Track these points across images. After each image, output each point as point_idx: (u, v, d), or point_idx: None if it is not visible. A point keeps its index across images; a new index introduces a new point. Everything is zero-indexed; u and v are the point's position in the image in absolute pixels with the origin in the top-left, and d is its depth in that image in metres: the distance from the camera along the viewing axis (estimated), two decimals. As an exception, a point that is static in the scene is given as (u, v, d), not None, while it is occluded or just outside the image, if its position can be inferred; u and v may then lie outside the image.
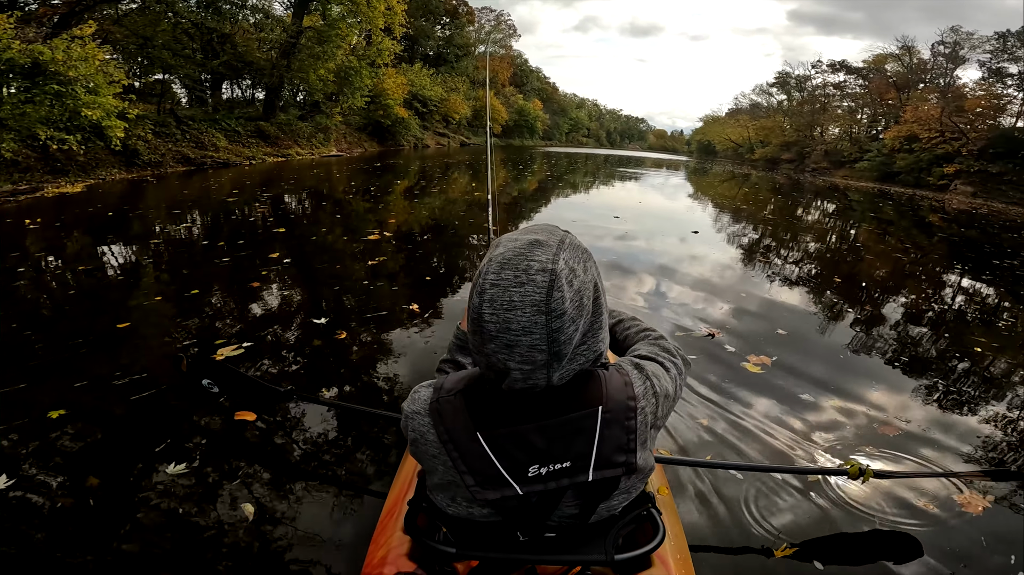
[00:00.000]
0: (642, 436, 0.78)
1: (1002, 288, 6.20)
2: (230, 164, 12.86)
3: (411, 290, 4.13)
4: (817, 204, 16.13)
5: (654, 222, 8.56)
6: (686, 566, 1.05)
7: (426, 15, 37.49)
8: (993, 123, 24.80)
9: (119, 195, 8.18)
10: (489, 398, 0.76)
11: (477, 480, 0.76)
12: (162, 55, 12.99)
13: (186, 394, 2.32)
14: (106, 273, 4.23)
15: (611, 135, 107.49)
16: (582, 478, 0.76)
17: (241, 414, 2.17)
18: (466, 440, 0.76)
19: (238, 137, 14.23)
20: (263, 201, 8.04)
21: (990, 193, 21.33)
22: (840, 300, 4.89)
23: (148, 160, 10.76)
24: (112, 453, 1.98)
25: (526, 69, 60.31)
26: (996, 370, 3.50)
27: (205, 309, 3.52)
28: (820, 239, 8.85)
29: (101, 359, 2.68)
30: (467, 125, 39.00)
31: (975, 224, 13.35)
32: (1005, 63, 26.20)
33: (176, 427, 2.14)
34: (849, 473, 1.69)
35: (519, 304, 0.66)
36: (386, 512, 1.17)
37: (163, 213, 6.78)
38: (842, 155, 32.22)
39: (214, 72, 16.83)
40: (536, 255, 0.68)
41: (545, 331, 0.67)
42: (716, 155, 53.39)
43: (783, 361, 3.14)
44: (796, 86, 40.84)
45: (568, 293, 0.68)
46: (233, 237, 5.45)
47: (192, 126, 12.80)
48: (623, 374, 0.79)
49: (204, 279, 4.07)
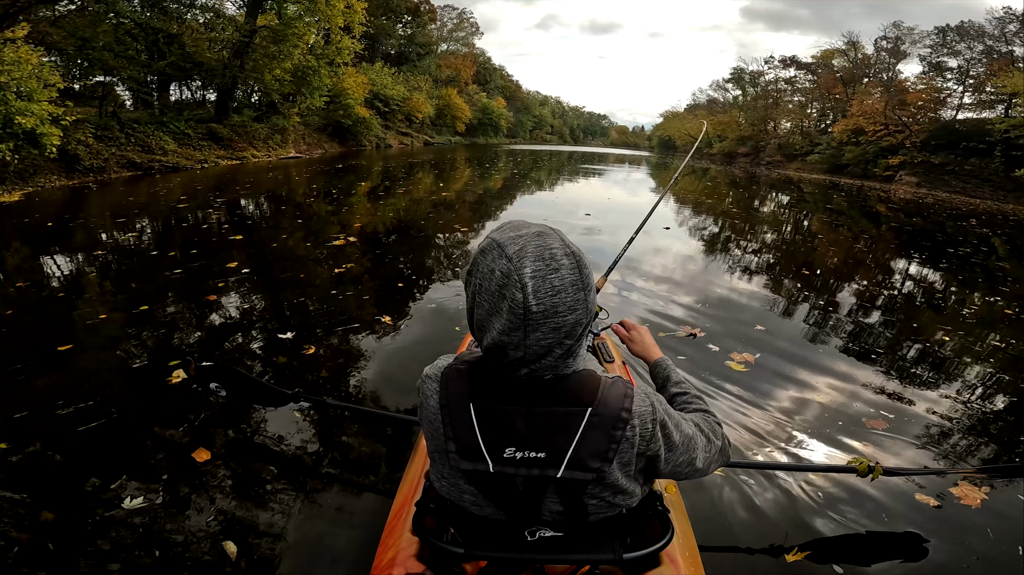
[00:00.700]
0: (624, 454, 0.78)
1: (976, 279, 6.51)
2: (180, 168, 12.26)
3: (382, 297, 4.00)
4: (773, 197, 16.69)
5: (624, 218, 8.66)
6: (695, 564, 1.04)
7: (387, 13, 36.80)
8: (934, 116, 26.18)
9: (60, 203, 7.66)
10: (492, 374, 0.79)
11: (458, 448, 0.79)
12: (103, 56, 12.25)
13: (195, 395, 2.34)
14: (47, 289, 3.92)
15: (574, 132, 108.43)
16: (552, 472, 0.77)
17: (199, 453, 2.01)
18: (459, 408, 0.79)
19: (188, 140, 13.60)
20: (217, 207, 7.64)
21: (933, 183, 22.55)
22: (817, 292, 5.04)
23: (90, 166, 10.14)
24: (65, 488, 1.82)
25: (489, 67, 60.07)
26: (996, 365, 3.48)
27: (156, 326, 3.26)
28: (789, 233, 9.13)
29: (42, 386, 2.47)
30: (431, 124, 38.57)
31: (930, 214, 14.05)
32: (944, 57, 27.68)
33: (134, 457, 1.98)
34: (858, 471, 1.67)
35: (560, 287, 0.71)
36: (394, 513, 1.17)
37: (107, 222, 6.36)
38: (794, 148, 33.44)
39: (160, 73, 16.03)
40: (550, 243, 0.74)
41: (585, 304, 0.74)
42: (676, 150, 54.56)
43: (766, 362, 3.16)
44: (750, 81, 42.10)
45: (587, 268, 0.75)
46: (186, 246, 5.14)
47: (137, 129, 12.16)
48: (625, 386, 0.80)
49: (154, 293, 3.82)
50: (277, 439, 2.18)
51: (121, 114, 12.98)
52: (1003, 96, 23.84)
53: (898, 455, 2.29)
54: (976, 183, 21.27)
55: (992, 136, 20.88)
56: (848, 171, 27.45)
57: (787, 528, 1.78)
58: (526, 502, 0.81)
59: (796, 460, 2.19)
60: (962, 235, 10.06)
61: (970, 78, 26.90)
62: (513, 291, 0.71)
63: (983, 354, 3.68)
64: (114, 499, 1.76)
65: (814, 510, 1.88)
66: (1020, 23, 23.72)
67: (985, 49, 25.67)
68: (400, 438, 2.19)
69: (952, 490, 2.00)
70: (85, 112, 11.63)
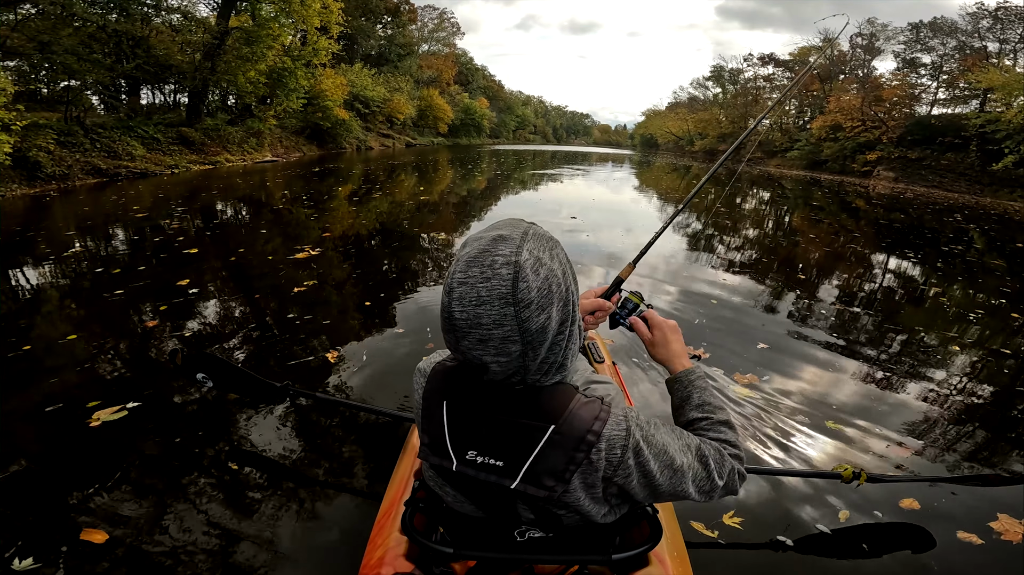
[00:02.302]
0: (588, 476, 0.75)
1: (976, 279, 6.45)
2: (148, 174, 11.83)
3: (348, 324, 3.58)
4: (754, 193, 16.73)
5: (608, 217, 8.47)
6: (683, 564, 1.04)
7: (366, 14, 36.30)
8: (909, 111, 26.57)
9: (9, 214, 7.12)
10: (469, 376, 0.78)
11: (429, 441, 0.81)
12: (66, 60, 11.76)
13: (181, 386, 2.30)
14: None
15: (557, 131, 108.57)
16: (507, 482, 0.76)
17: (89, 532, 1.63)
18: (435, 404, 0.81)
19: (158, 145, 13.14)
20: (177, 216, 7.16)
21: (911, 178, 22.86)
22: (804, 285, 4.91)
23: (53, 173, 9.70)
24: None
25: (471, 67, 59.75)
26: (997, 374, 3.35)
27: (81, 359, 2.84)
28: (793, 236, 9.04)
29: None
30: (412, 125, 38.15)
31: (912, 209, 14.15)
32: (918, 53, 28.13)
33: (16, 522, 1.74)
34: (843, 477, 1.68)
35: (487, 299, 0.68)
36: (383, 512, 1.15)
37: (55, 234, 5.85)
38: (774, 145, 33.76)
39: (128, 76, 15.51)
40: (500, 250, 0.69)
41: (515, 321, 0.68)
42: (658, 148, 54.90)
43: (770, 382, 3.01)
44: (730, 79, 42.49)
45: (534, 282, 0.68)
46: (133, 263, 4.72)
47: (103, 134, 11.68)
48: (601, 408, 0.75)
49: (87, 319, 3.44)
50: (262, 438, 2.13)
51: (88, 119, 12.49)
52: (977, 91, 24.27)
53: (884, 460, 2.26)
54: (952, 177, 21.61)
55: (967, 131, 21.23)
56: (827, 167, 27.75)
57: (774, 527, 1.80)
58: (499, 505, 0.81)
59: (782, 464, 2.20)
60: (953, 231, 10.16)
61: (944, 74, 27.39)
62: (444, 294, 0.71)
63: (990, 364, 3.54)
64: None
65: (800, 509, 1.90)
66: (992, 19, 24.16)
67: (958, 45, 26.16)
68: (389, 437, 2.16)
69: (934, 500, 1.98)
70: (49, 118, 11.16)
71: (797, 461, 2.20)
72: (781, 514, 1.86)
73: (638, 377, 2.86)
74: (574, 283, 0.76)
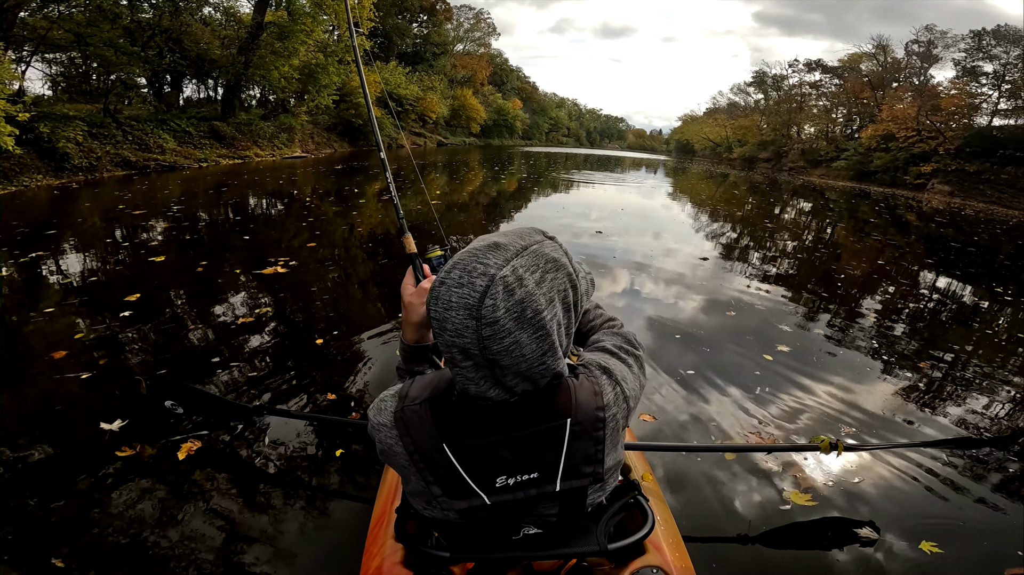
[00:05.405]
0: (612, 441, 0.78)
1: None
2: (177, 167, 11.86)
3: (287, 363, 2.88)
4: (796, 204, 15.80)
5: (639, 225, 7.93)
6: (679, 550, 1.07)
7: (401, 12, 36.51)
8: (968, 122, 24.99)
9: (10, 208, 6.72)
10: (456, 408, 0.74)
11: (444, 490, 0.77)
12: (104, 52, 11.90)
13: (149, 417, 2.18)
14: None
15: (591, 135, 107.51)
16: (550, 488, 0.76)
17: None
18: (432, 451, 0.75)
19: (189, 138, 13.22)
20: (172, 215, 6.65)
21: (968, 192, 21.39)
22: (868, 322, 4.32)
23: (80, 164, 9.76)
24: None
25: (506, 68, 59.57)
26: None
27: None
28: (847, 260, 8.35)
29: None
30: (444, 125, 38.14)
31: (975, 226, 13.09)
32: (980, 62, 26.51)
33: None
34: (820, 448, 1.74)
35: (455, 305, 0.65)
36: (375, 521, 1.15)
37: (35, 232, 5.28)
38: (819, 154, 32.31)
39: (168, 70, 15.75)
40: (487, 258, 0.66)
41: (476, 336, 0.65)
42: (694, 154, 53.49)
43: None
44: (773, 85, 40.99)
45: (503, 302, 0.65)
46: (92, 270, 4.23)
47: (135, 127, 11.77)
48: (593, 381, 0.77)
49: (5, 342, 2.84)
50: (243, 457, 2.07)
51: (123, 110, 12.63)
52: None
53: (868, 431, 2.45)
54: (1013, 192, 20.11)
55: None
56: (876, 178, 26.33)
57: (766, 511, 1.86)
58: (513, 517, 0.80)
59: (762, 442, 2.31)
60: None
61: (1006, 83, 25.70)
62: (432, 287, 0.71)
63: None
64: None
65: (791, 493, 1.98)
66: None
67: (1022, 53, 24.49)
68: (371, 444, 1.84)
69: (916, 465, 2.18)
70: (80, 110, 11.29)
71: (777, 436, 2.36)
72: (773, 497, 1.96)
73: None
74: (564, 314, 0.72)
